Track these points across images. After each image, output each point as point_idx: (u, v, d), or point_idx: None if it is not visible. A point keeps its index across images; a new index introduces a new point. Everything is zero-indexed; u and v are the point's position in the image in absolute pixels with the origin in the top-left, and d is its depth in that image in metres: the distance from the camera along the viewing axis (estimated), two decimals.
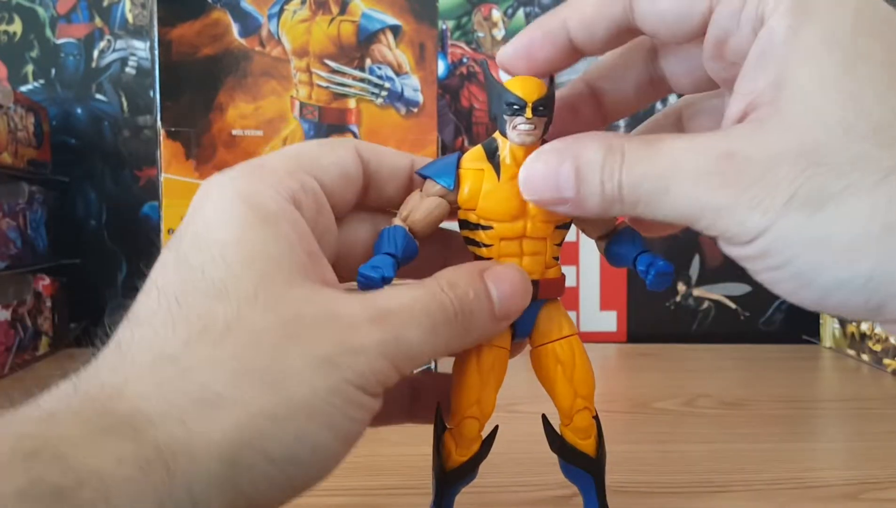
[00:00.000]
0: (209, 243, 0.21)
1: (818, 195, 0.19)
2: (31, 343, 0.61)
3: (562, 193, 0.22)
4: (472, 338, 0.24)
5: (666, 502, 0.33)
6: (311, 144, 0.25)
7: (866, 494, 0.34)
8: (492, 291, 0.23)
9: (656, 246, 0.75)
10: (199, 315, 0.20)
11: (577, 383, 0.26)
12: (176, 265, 0.21)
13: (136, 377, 0.19)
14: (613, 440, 0.43)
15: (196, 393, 0.19)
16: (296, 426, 0.19)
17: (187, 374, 0.19)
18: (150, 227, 0.71)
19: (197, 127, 0.53)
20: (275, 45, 0.54)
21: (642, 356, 0.68)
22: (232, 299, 0.20)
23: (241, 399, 0.19)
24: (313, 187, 0.24)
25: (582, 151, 0.22)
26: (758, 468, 0.37)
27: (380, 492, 0.33)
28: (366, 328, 0.20)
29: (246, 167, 0.23)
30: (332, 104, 0.54)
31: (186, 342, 0.19)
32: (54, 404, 0.18)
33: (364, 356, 0.20)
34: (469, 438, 0.25)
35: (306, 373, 0.19)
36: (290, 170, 0.23)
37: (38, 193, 0.65)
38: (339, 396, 0.20)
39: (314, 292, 0.21)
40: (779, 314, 0.76)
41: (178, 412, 0.18)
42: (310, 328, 0.20)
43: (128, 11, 0.71)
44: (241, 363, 0.19)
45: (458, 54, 0.74)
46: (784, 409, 0.49)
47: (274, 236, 0.21)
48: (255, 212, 0.21)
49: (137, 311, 0.21)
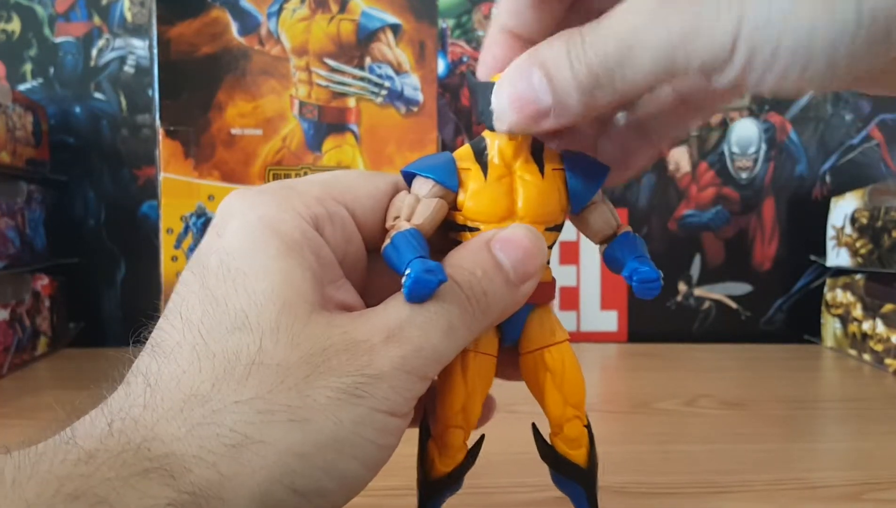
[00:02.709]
0: (232, 273, 0.21)
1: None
2: (29, 343, 0.61)
3: (539, 102, 0.21)
4: (494, 316, 0.23)
5: (666, 502, 0.33)
6: (348, 173, 0.25)
7: (868, 494, 0.33)
8: (501, 259, 0.23)
9: (657, 245, 0.74)
10: (225, 351, 0.20)
11: (567, 391, 0.25)
12: (200, 294, 0.21)
13: (167, 418, 0.19)
14: (614, 440, 0.43)
15: (226, 436, 0.19)
16: (324, 460, 0.19)
17: (216, 416, 0.19)
18: (149, 226, 0.71)
19: (196, 126, 0.53)
20: (274, 44, 0.54)
21: (643, 356, 0.68)
22: (254, 332, 0.20)
23: (268, 439, 0.19)
24: (342, 215, 0.23)
25: (545, 53, 0.21)
26: (759, 468, 0.37)
27: (380, 492, 0.33)
28: (382, 350, 0.20)
29: (274, 188, 0.23)
30: (331, 103, 0.54)
31: (213, 381, 0.19)
32: (92, 443, 0.18)
33: (385, 380, 0.20)
34: (453, 448, 0.25)
35: (331, 407, 0.20)
36: (318, 196, 0.23)
37: (37, 192, 0.65)
38: (367, 426, 0.20)
39: (333, 320, 0.21)
40: (780, 314, 0.76)
41: (210, 457, 0.19)
42: (331, 360, 0.20)
43: (127, 10, 0.71)
44: (265, 403, 0.19)
45: (459, 53, 0.74)
46: (785, 409, 0.49)
47: (296, 265, 0.21)
48: (280, 241, 0.21)
49: (163, 341, 0.21)
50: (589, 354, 0.68)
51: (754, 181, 0.75)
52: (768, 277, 0.76)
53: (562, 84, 0.21)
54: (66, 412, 0.20)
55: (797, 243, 0.75)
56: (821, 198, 0.75)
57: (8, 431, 0.43)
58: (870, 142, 0.75)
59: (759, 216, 0.75)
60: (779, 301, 0.76)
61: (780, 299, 0.76)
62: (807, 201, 0.75)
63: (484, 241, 0.23)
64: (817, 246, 0.72)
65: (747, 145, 0.75)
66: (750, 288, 0.76)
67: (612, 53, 0.20)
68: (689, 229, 0.75)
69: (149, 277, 0.57)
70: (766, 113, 0.75)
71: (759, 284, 0.76)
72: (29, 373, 0.58)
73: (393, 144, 0.55)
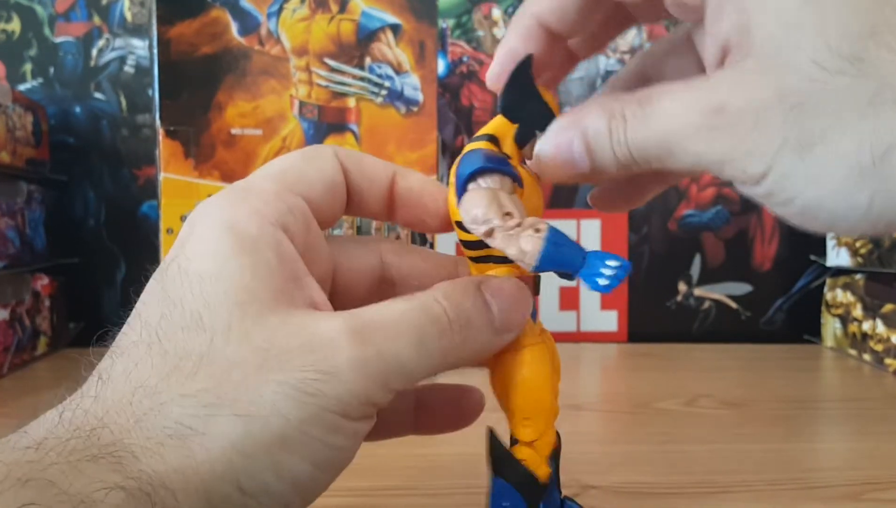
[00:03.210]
0: (189, 276, 0.21)
1: (806, 137, 0.19)
2: (29, 343, 0.61)
3: (577, 167, 0.22)
4: (471, 350, 0.22)
5: (666, 502, 0.33)
6: (293, 159, 0.24)
7: (868, 495, 0.33)
8: (490, 303, 0.22)
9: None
10: (176, 349, 0.20)
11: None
12: (159, 298, 0.21)
13: (116, 409, 0.19)
14: (614, 440, 0.43)
15: (172, 428, 0.19)
16: (270, 459, 0.19)
17: (163, 408, 0.19)
18: (149, 226, 0.71)
19: (196, 126, 0.53)
20: (274, 44, 0.54)
21: (643, 356, 0.68)
22: (206, 331, 0.20)
23: (213, 433, 0.19)
24: (301, 207, 0.23)
25: (587, 124, 0.22)
26: (759, 468, 0.37)
27: (380, 492, 0.33)
28: (343, 347, 0.20)
29: (232, 191, 0.23)
30: (331, 103, 0.54)
31: (162, 375, 0.19)
32: (42, 432, 0.19)
33: (341, 379, 0.19)
34: (551, 440, 0.24)
35: (279, 403, 0.19)
36: (277, 192, 0.23)
37: (37, 192, 0.65)
38: (317, 425, 0.19)
39: (290, 316, 0.20)
40: (780, 314, 0.76)
41: (157, 448, 0.18)
42: (282, 355, 0.20)
43: (127, 10, 0.71)
44: (212, 397, 0.19)
45: (459, 53, 0.74)
46: (785, 409, 0.49)
47: (253, 264, 0.21)
48: (237, 241, 0.21)
49: (120, 342, 0.21)
50: (589, 354, 0.68)
51: None
52: (768, 277, 0.76)
53: (601, 159, 0.22)
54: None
55: (797, 243, 0.75)
56: None
57: (8, 431, 0.43)
58: None
59: (759, 216, 0.75)
60: (779, 301, 0.76)
61: (780, 299, 0.76)
62: None
63: (475, 282, 0.23)
64: (817, 246, 0.72)
65: None
66: (750, 288, 0.76)
67: (651, 150, 0.21)
68: (689, 229, 0.75)
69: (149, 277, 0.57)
70: None
71: (759, 284, 0.76)
72: (29, 373, 0.58)
73: (393, 144, 0.55)
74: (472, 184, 0.22)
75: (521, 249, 0.21)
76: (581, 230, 0.74)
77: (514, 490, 0.23)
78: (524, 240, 0.21)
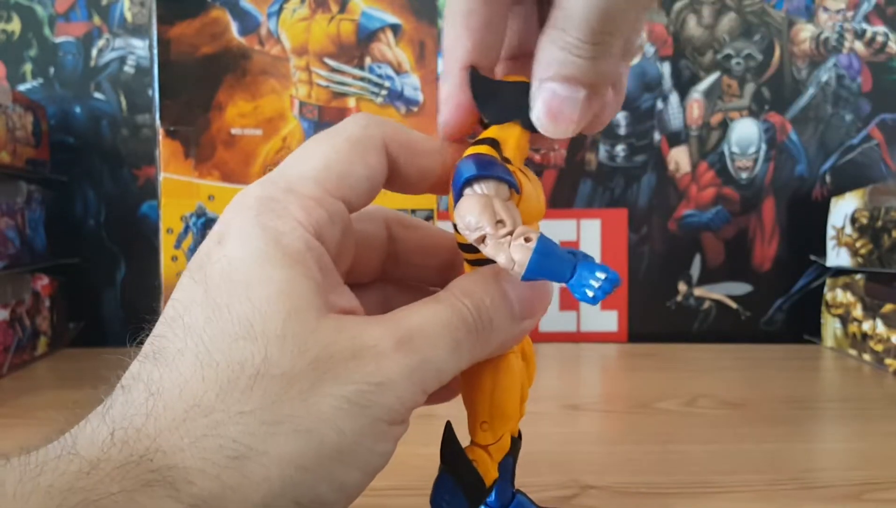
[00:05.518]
0: (235, 282, 0.20)
1: None
2: (29, 343, 0.61)
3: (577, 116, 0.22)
4: (494, 345, 0.23)
5: (666, 502, 0.33)
6: (340, 149, 0.23)
7: (868, 495, 0.33)
8: (509, 292, 0.23)
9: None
10: (228, 360, 0.19)
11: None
12: (203, 303, 0.20)
13: (170, 429, 0.19)
14: (614, 440, 0.43)
15: (229, 448, 0.19)
16: (326, 471, 0.19)
17: (220, 428, 0.19)
18: (149, 226, 0.71)
19: (196, 126, 0.53)
20: (274, 44, 0.54)
21: (643, 356, 0.68)
22: (259, 341, 0.20)
23: (271, 451, 0.19)
24: (341, 214, 0.23)
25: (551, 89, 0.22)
26: (759, 468, 0.37)
27: (380, 492, 0.33)
28: (392, 356, 0.20)
29: (272, 189, 0.22)
30: (331, 103, 0.54)
31: (216, 391, 0.19)
32: (94, 452, 0.18)
33: (391, 388, 0.20)
34: (505, 445, 0.24)
35: (335, 417, 0.19)
36: (318, 197, 0.22)
37: (37, 192, 0.65)
38: (369, 435, 0.20)
39: (340, 325, 0.21)
40: (780, 314, 0.76)
41: (213, 469, 0.18)
42: (337, 367, 0.20)
43: (127, 10, 0.71)
44: (270, 414, 0.19)
45: None
46: (785, 409, 0.49)
47: (299, 274, 0.21)
48: (280, 251, 0.21)
49: (164, 348, 0.20)
50: (589, 354, 0.68)
51: (754, 181, 0.75)
52: (768, 277, 0.76)
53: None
54: (64, 416, 0.20)
55: (797, 243, 0.75)
56: (821, 198, 0.75)
57: (8, 431, 0.43)
58: (870, 142, 0.75)
59: (759, 216, 0.75)
60: (779, 301, 0.76)
61: (780, 299, 0.76)
62: (807, 201, 0.75)
63: (494, 272, 0.23)
64: (817, 246, 0.72)
65: (747, 145, 0.75)
66: (750, 288, 0.76)
67: None
68: (689, 229, 0.75)
69: (149, 277, 0.57)
70: (766, 113, 0.75)
71: (759, 284, 0.76)
72: (29, 373, 0.58)
73: None
74: (468, 189, 0.22)
75: (510, 258, 0.21)
76: (581, 230, 0.74)
77: (457, 488, 0.24)
78: (514, 250, 0.21)
